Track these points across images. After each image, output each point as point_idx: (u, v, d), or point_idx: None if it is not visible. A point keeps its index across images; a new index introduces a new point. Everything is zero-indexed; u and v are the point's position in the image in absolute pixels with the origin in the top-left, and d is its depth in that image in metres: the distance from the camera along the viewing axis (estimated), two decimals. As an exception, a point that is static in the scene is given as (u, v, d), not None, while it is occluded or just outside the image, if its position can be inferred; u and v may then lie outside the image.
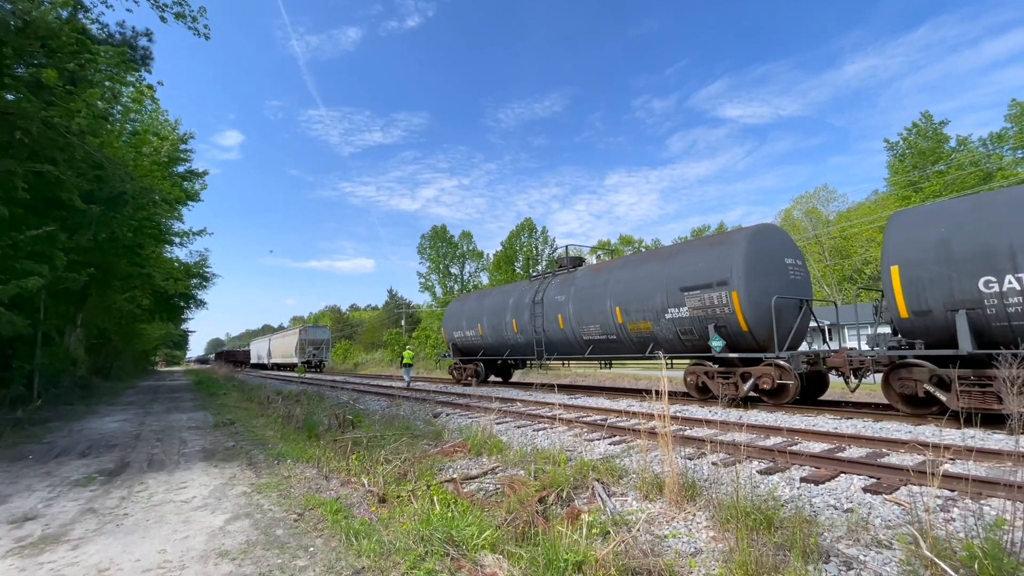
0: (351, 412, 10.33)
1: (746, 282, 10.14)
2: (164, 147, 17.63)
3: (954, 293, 7.39)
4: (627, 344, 12.81)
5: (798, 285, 10.78)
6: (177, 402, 16.25)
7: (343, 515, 4.38)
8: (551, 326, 15.20)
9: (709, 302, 10.66)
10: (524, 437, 8.02)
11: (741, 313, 10.14)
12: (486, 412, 10.15)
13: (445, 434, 8.11)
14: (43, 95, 9.06)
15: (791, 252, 10.98)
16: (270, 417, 10.83)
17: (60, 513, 4.76)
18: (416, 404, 13.04)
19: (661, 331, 11.80)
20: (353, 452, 6.31)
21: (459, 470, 6.06)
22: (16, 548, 3.95)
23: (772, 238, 10.87)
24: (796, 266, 10.89)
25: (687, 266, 11.35)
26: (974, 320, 7.27)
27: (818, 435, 6.85)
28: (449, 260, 61.14)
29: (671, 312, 11.41)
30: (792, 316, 10.42)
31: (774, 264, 10.54)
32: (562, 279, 15.62)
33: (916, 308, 7.75)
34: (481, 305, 19.58)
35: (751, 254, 10.32)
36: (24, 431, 9.64)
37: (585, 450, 6.71)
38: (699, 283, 10.86)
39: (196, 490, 5.40)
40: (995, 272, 7.05)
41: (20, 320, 9.78)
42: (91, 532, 4.24)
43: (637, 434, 7.22)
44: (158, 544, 3.94)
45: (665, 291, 11.57)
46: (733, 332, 10.43)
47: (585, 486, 5.05)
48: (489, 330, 18.50)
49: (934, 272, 7.56)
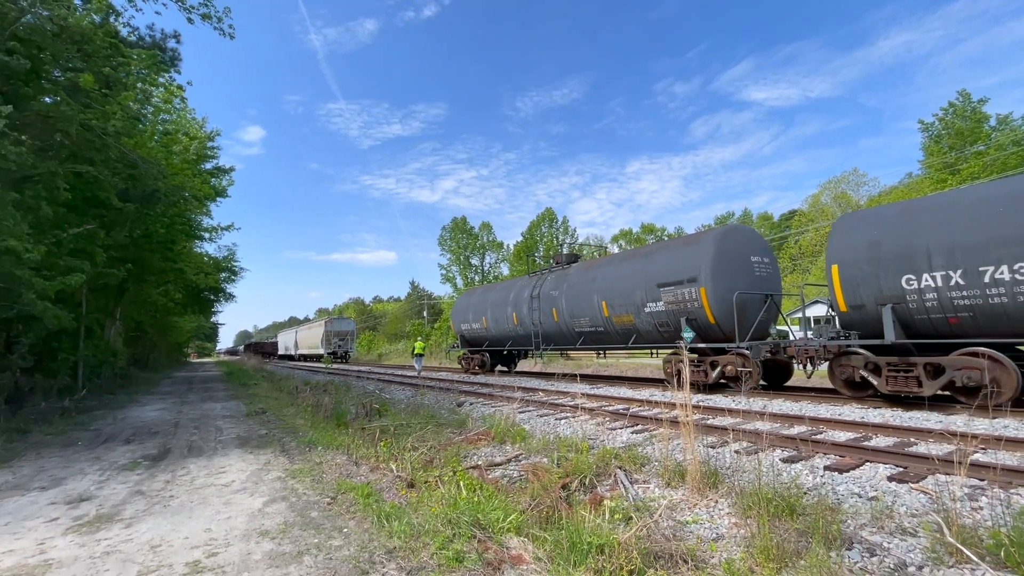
0: (377, 401, 10.61)
1: (713, 279, 11.03)
2: (193, 145, 18.14)
3: (882, 289, 8.29)
4: (613, 335, 13.80)
5: (764, 281, 11.61)
6: (210, 392, 16.88)
7: (374, 499, 4.57)
8: (546, 319, 16.19)
9: (681, 297, 11.61)
10: (546, 426, 8.14)
11: (709, 307, 11.05)
12: (508, 401, 10.31)
13: (469, 423, 8.29)
14: (80, 98, 9.45)
15: (759, 251, 11.81)
16: (299, 406, 11.20)
17: (111, 495, 5.08)
18: (440, 394, 13.28)
19: (642, 323, 12.76)
20: (381, 440, 6.52)
21: (483, 457, 6.21)
22: (75, 526, 4.26)
23: (740, 238, 11.76)
24: (763, 263, 11.71)
25: (663, 264, 12.26)
26: (900, 313, 8.19)
27: (843, 424, 6.80)
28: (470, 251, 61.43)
29: (649, 306, 12.40)
30: (757, 309, 11.24)
31: (740, 262, 11.40)
32: (557, 275, 16.49)
33: (852, 303, 8.66)
34: (485, 299, 20.68)
35: (719, 253, 11.19)
36: (72, 419, 10.20)
37: (607, 438, 6.80)
38: (673, 280, 11.81)
39: (234, 475, 5.68)
40: (915, 271, 7.98)
41: (65, 314, 10.30)
42: (141, 512, 4.53)
43: (659, 423, 7.27)
44: (203, 524, 4.19)
45: (644, 287, 12.53)
46: (702, 325, 11.35)
47: (607, 473, 5.14)
48: (492, 322, 19.62)
49: (866, 271, 8.47)
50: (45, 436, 8.34)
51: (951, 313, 7.70)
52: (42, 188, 9.28)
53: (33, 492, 5.23)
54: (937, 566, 3.11)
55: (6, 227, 7.81)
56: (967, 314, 7.57)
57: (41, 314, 9.03)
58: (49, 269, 9.57)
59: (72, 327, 12.27)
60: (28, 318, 9.95)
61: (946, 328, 7.88)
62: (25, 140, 8.09)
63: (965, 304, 7.55)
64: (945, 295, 7.71)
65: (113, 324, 19.10)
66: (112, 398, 14.43)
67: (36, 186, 9.20)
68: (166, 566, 3.46)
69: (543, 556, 3.38)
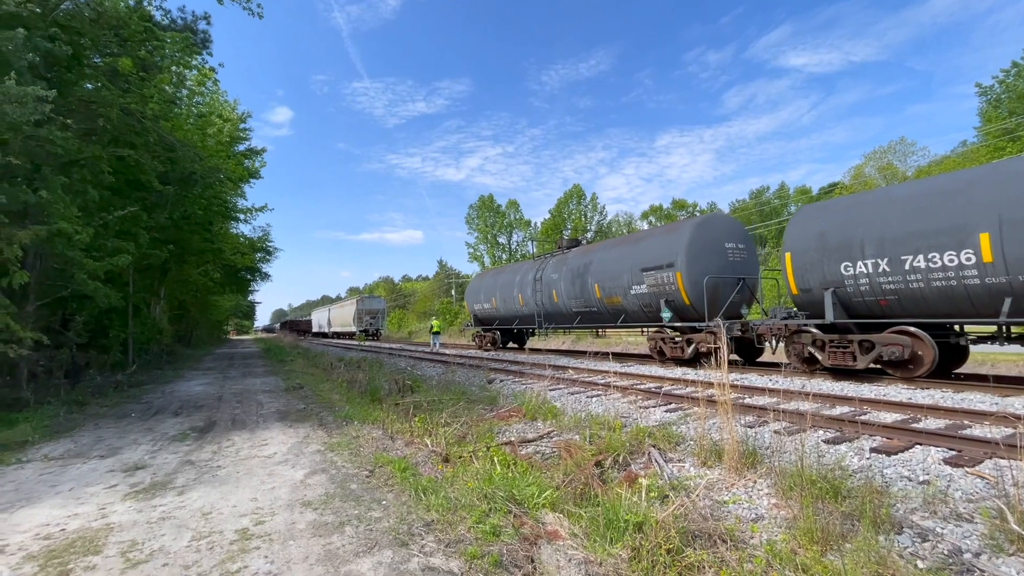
0: (410, 378, 10.85)
1: (688, 264, 12.09)
2: (226, 127, 18.51)
3: (826, 275, 9.28)
4: (605, 315, 15.10)
5: (737, 265, 12.67)
6: (250, 368, 17.58)
7: (410, 472, 4.69)
8: (548, 300, 17.58)
9: (661, 281, 12.72)
10: (578, 403, 8.18)
11: (684, 290, 12.14)
12: (538, 379, 10.39)
13: (500, 400, 8.38)
14: (119, 83, 9.71)
15: (734, 238, 12.83)
16: (335, 382, 11.54)
17: (164, 464, 5.37)
18: (470, 371, 13.47)
19: (629, 304, 13.93)
20: (415, 415, 6.66)
21: (516, 434, 6.28)
22: (132, 493, 4.53)
23: (716, 227, 12.79)
24: (737, 249, 12.75)
25: (647, 250, 13.36)
26: (841, 296, 9.16)
27: (890, 405, 6.57)
28: (497, 230, 61.28)
29: (635, 289, 13.53)
30: (729, 291, 12.30)
31: (714, 249, 12.42)
32: (558, 259, 17.71)
33: (802, 287, 9.69)
34: (495, 281, 22.16)
35: (694, 241, 12.22)
36: (124, 392, 10.80)
37: (640, 417, 6.77)
38: (654, 265, 12.92)
39: (276, 447, 5.91)
40: (851, 259, 8.91)
41: (114, 293, 10.82)
42: (192, 481, 4.78)
43: (694, 402, 7.21)
44: (249, 493, 4.39)
45: (631, 271, 13.66)
46: (679, 305, 12.48)
47: (641, 452, 5.12)
48: (501, 303, 21.14)
49: (814, 258, 9.45)
50: (101, 408, 8.87)
51: (881, 296, 8.64)
52: (87, 172, 9.66)
53: (93, 460, 5.58)
54: (996, 553, 2.98)
55: (57, 210, 8.18)
56: (893, 297, 8.52)
57: (92, 293, 9.51)
58: (97, 250, 10.03)
59: (121, 306, 12.92)
60: (81, 297, 10.51)
61: (879, 309, 8.83)
62: (70, 125, 8.40)
63: (891, 288, 8.49)
64: (875, 280, 8.64)
65: (158, 303, 20.02)
66: (160, 373, 15.21)
67: (82, 170, 9.58)
68: (217, 532, 3.65)
69: (579, 532, 3.41)
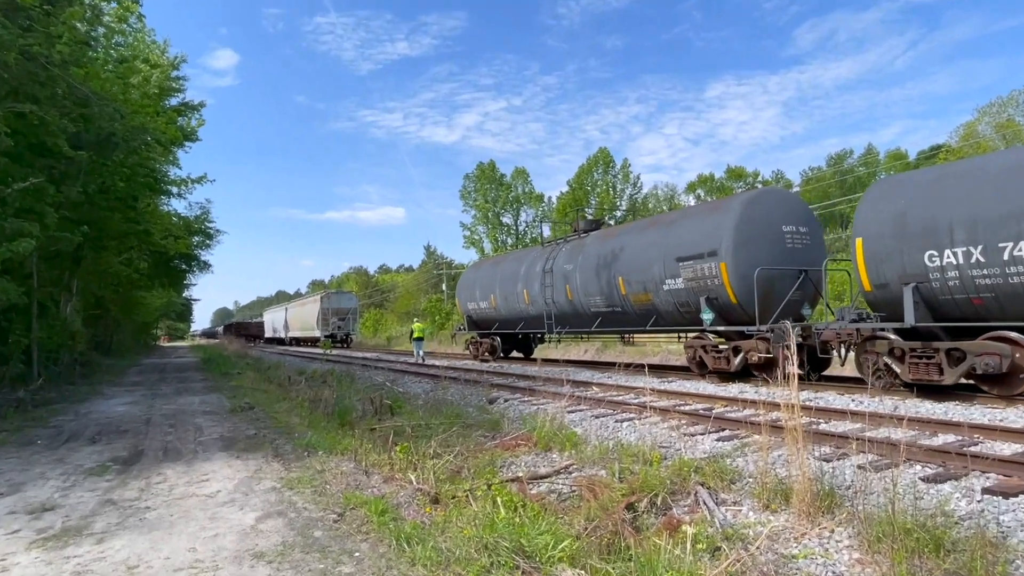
0: (389, 396, 10.88)
1: (735, 252, 12.18)
2: (154, 76, 18.53)
3: (905, 267, 9.25)
4: (631, 316, 15.25)
5: (798, 254, 12.68)
6: (187, 383, 17.70)
7: (390, 516, 4.70)
8: (560, 297, 17.69)
9: (701, 273, 12.80)
10: (604, 429, 8.20)
11: (730, 285, 12.20)
12: (554, 398, 10.40)
13: (504, 424, 8.41)
14: (19, 19, 9.72)
15: (794, 219, 12.88)
16: (294, 401, 11.61)
17: (79, 504, 5.41)
18: (466, 387, 13.51)
19: (661, 303, 14.11)
20: (395, 444, 6.67)
21: (524, 467, 6.29)
22: (39, 540, 4.56)
23: (772, 205, 12.90)
24: (798, 234, 12.79)
25: (684, 235, 13.51)
26: (924, 294, 9.14)
27: (1009, 433, 6.53)
28: (500, 206, 61.38)
29: (668, 283, 13.66)
30: (787, 286, 12.38)
31: (769, 233, 12.50)
32: (572, 246, 17.93)
33: (876, 281, 9.68)
34: (494, 273, 22.17)
35: (743, 222, 12.34)
36: (29, 413, 10.90)
37: (685, 447, 6.79)
38: (693, 253, 13.01)
39: (220, 483, 5.95)
40: (937, 247, 8.87)
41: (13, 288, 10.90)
42: (114, 526, 4.81)
43: (754, 427, 7.21)
44: (186, 542, 4.41)
45: (663, 261, 13.78)
46: (723, 305, 12.58)
47: (685, 491, 5.11)
48: (502, 301, 21.19)
49: (890, 246, 9.45)
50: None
51: (973, 294, 8.60)
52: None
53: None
54: None
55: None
56: (989, 295, 8.44)
57: (-15, 288, 9.57)
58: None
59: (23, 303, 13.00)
60: (-29, 293, 10.57)
61: (971, 310, 8.79)
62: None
63: (987, 284, 8.41)
64: (967, 274, 8.59)
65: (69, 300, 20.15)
66: (73, 389, 15.33)
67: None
68: (145, 591, 3.66)
69: (606, 594, 3.39)
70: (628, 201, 58.92)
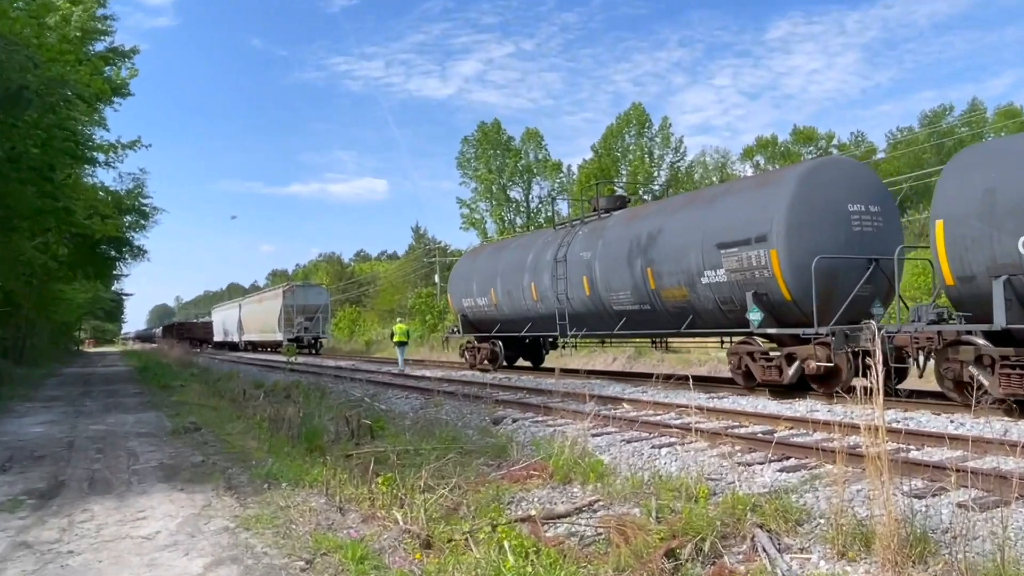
0: (369, 415, 10.96)
1: (788, 237, 12.41)
2: (75, 14, 18.63)
3: (995, 255, 9.27)
4: (663, 316, 15.56)
5: (868, 239, 12.87)
6: (117, 397, 17.88)
7: (372, 564, 4.73)
8: (575, 292, 18.05)
9: (747, 263, 13.03)
10: (638, 457, 8.23)
11: (782, 278, 12.44)
12: (575, 417, 10.45)
13: (512, 449, 8.45)
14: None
15: (863, 196, 13.07)
16: (250, 421, 11.71)
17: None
18: (465, 403, 13.58)
19: (698, 300, 14.40)
20: (377, 474, 6.72)
21: (538, 504, 6.32)
22: (-63, 591, 4.65)
23: (834, 178, 13.11)
24: (867, 214, 12.97)
25: (726, 216, 13.74)
26: (1019, 289, 9.15)
27: None
28: (507, 177, 61.51)
29: (708, 275, 13.91)
30: (854, 279, 12.51)
31: (831, 213, 12.74)
32: (590, 229, 18.37)
33: (960, 273, 9.77)
34: (495, 263, 22.60)
35: (799, 200, 12.58)
36: (-77, 435, 11.05)
37: (739, 479, 6.79)
38: (737, 239, 13.24)
39: (159, 522, 6.02)
40: None
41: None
42: (29, 574, 4.89)
43: (827, 455, 7.19)
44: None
45: (701, 248, 14.02)
46: (775, 302, 12.87)
47: (740, 535, 5.12)
48: (504, 297, 21.55)
49: (977, 230, 9.45)
50: None
51: None
52: None
53: None
54: None
55: None
56: None
57: None
58: None
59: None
60: None
61: None
62: None
63: None
64: None
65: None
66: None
67: None
68: (69, 654, 3.74)
69: (639, 661, 3.43)
70: (668, 171, 58.84)
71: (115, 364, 40.61)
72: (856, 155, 56.62)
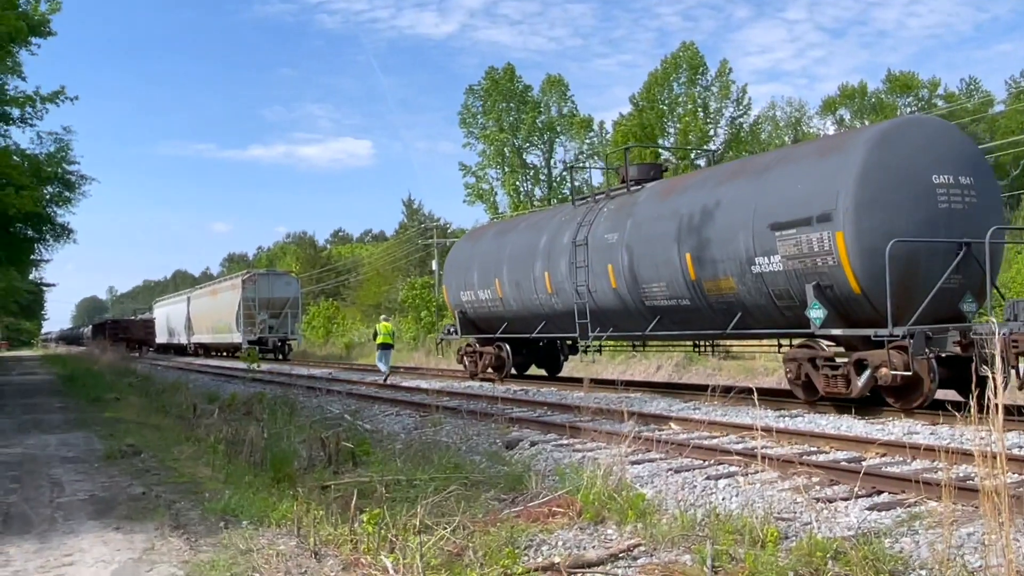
0: (351, 435, 10.96)
1: (857, 216, 12.51)
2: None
3: None
4: (704, 313, 15.83)
5: (957, 218, 12.91)
6: (37, 412, 17.99)
7: (354, 624, 4.75)
8: (599, 283, 18.20)
9: (808, 248, 13.14)
10: (689, 490, 8.23)
11: (850, 266, 12.56)
12: (608, 440, 10.41)
13: (531, 480, 8.42)
14: None
15: (951, 165, 13.09)
16: (202, 443, 11.75)
17: None
18: (468, 422, 13.61)
19: (748, 293, 14.53)
20: (361, 510, 6.74)
21: (563, 548, 6.31)
22: None
23: (915, 143, 13.14)
24: (957, 187, 12.98)
25: (782, 189, 13.97)
26: None
27: None
28: (523, 137, 61.45)
29: (760, 263, 14.03)
30: (938, 268, 12.61)
31: (911, 186, 12.82)
32: (618, 205, 18.56)
33: None
34: (500, 247, 22.78)
35: (871, 171, 12.65)
36: None
37: (818, 519, 6.76)
38: (795, 218, 13.38)
39: (90, 569, 6.04)
40: None
41: None
42: (-71, 633, 4.94)
43: (928, 488, 7.17)
44: (40, 658, 4.52)
45: (751, 229, 14.13)
46: (841, 296, 12.99)
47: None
48: (511, 289, 21.62)
49: None
50: None
51: None
52: None
53: None
54: None
55: None
56: None
57: None
58: None
59: None
60: None
61: None
62: None
63: None
64: None
65: None
66: None
67: None
68: None
69: None
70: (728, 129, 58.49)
71: (34, 371, 40.96)
72: (968, 108, 56.09)
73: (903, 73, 69.42)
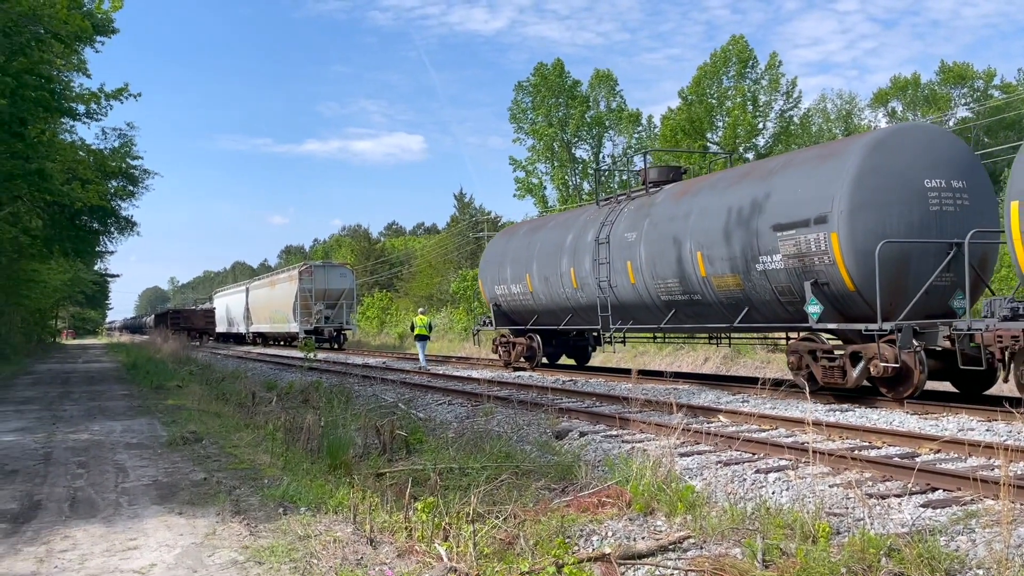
0: (405, 425, 11.08)
1: (851, 218, 13.20)
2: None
3: None
4: (714, 308, 16.70)
5: (948, 220, 13.53)
6: (102, 399, 18.43)
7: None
8: (619, 279, 19.16)
9: (806, 247, 13.85)
10: (738, 483, 8.20)
11: (844, 265, 13.25)
12: (657, 432, 10.43)
13: (581, 471, 8.42)
14: None
15: (943, 169, 13.72)
16: (260, 430, 11.96)
17: (-50, 580, 5.72)
18: (518, 411, 13.65)
19: (753, 289, 15.35)
20: (415, 498, 6.78)
21: (613, 539, 6.30)
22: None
23: (909, 148, 13.79)
24: (949, 191, 13.62)
25: (784, 192, 14.64)
26: None
27: None
28: (571, 131, 61.25)
29: (763, 261, 14.80)
30: (929, 267, 13.27)
31: (903, 190, 13.46)
32: (637, 206, 19.50)
33: None
34: (531, 244, 23.90)
35: (864, 175, 13.33)
36: None
37: (870, 515, 6.63)
38: (795, 219, 14.10)
39: (154, 553, 6.16)
40: None
41: None
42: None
43: (987, 487, 7.07)
44: (108, 638, 4.62)
45: (756, 230, 14.90)
46: (837, 293, 13.72)
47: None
48: (540, 284, 22.77)
49: None
50: None
51: None
52: None
53: None
54: None
55: None
56: None
57: None
58: None
59: None
60: None
61: None
62: None
63: None
64: None
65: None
66: (-59, 407, 16.17)
67: None
68: None
69: None
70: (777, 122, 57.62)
71: (99, 359, 41.80)
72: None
73: (957, 64, 67.48)
